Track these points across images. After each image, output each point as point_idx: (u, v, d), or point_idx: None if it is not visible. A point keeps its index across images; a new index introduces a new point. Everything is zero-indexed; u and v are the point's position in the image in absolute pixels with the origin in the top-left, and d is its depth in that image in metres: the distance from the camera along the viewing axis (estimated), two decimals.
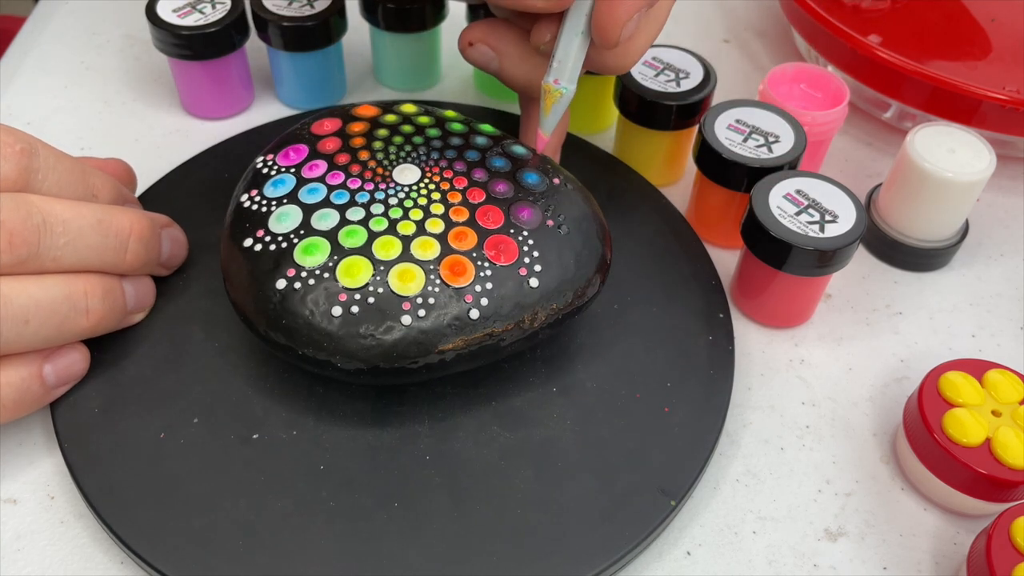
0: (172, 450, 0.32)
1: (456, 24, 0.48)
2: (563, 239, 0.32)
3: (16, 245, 0.29)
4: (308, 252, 0.31)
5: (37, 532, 0.31)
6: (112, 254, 0.32)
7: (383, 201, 0.32)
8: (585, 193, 0.34)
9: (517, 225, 0.32)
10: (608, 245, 0.34)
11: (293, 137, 0.34)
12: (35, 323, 0.30)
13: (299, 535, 0.30)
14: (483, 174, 0.33)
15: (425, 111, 0.36)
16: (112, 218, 0.32)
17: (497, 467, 0.32)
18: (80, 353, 0.33)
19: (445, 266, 0.31)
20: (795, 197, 0.36)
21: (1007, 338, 0.40)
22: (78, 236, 0.31)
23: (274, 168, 0.33)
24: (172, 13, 0.43)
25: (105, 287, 0.32)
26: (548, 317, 0.32)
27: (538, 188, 0.33)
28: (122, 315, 0.34)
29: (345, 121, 0.35)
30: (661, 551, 0.32)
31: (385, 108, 0.35)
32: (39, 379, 0.31)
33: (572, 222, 0.33)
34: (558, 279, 0.32)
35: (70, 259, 0.31)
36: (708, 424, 0.33)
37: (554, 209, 0.33)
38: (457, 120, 0.35)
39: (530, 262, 0.31)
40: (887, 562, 0.32)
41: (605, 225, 0.34)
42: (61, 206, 0.31)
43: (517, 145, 0.35)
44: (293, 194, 0.32)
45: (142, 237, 0.33)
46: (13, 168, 0.31)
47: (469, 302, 0.30)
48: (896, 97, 0.45)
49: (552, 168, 0.34)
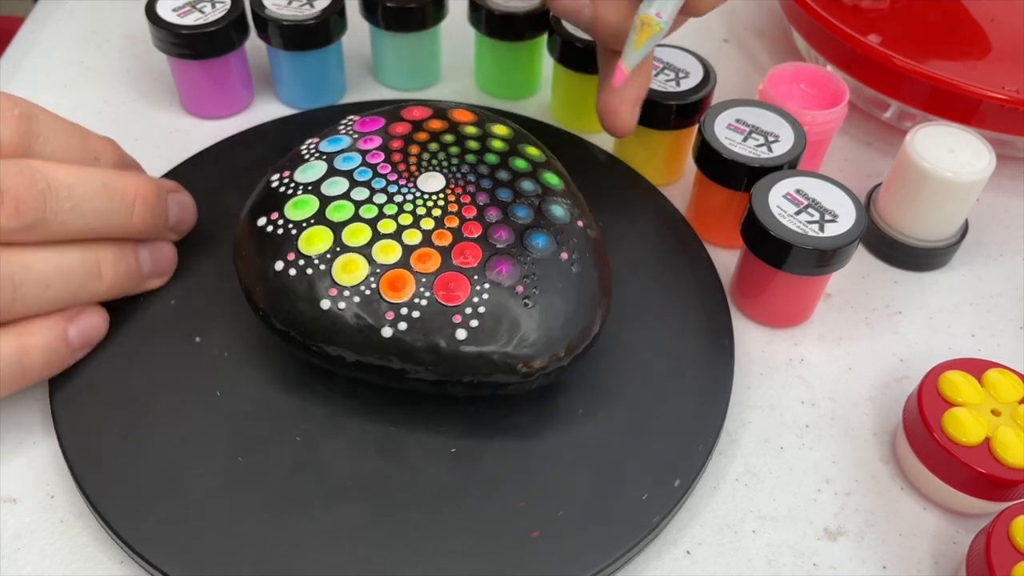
0: (172, 450, 0.32)
1: (456, 24, 0.48)
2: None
3: (23, 211, 0.30)
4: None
5: (37, 532, 0.31)
6: (118, 217, 0.32)
7: (399, 204, 0.32)
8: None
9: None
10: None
11: (388, 113, 0.36)
12: (55, 287, 0.31)
13: (299, 535, 0.30)
14: (509, 195, 0.32)
15: (478, 122, 0.35)
16: (117, 182, 0.32)
17: (496, 467, 0.32)
18: (100, 316, 0.33)
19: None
20: (795, 197, 0.36)
21: (1007, 338, 0.40)
22: (83, 200, 0.31)
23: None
24: (172, 12, 0.43)
25: (117, 253, 0.33)
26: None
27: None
28: (137, 280, 0.34)
29: (430, 116, 0.35)
30: (661, 551, 0.32)
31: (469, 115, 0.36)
32: (65, 341, 0.32)
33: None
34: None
35: (77, 223, 0.31)
36: (708, 423, 0.33)
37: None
38: (504, 138, 0.35)
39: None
40: (887, 561, 0.32)
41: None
42: (65, 171, 0.31)
43: (553, 174, 0.34)
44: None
45: (147, 201, 0.33)
46: (13, 133, 0.31)
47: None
48: (896, 97, 0.45)
49: (579, 210, 0.33)
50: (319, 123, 0.44)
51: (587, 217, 0.34)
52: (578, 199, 0.34)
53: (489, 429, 0.33)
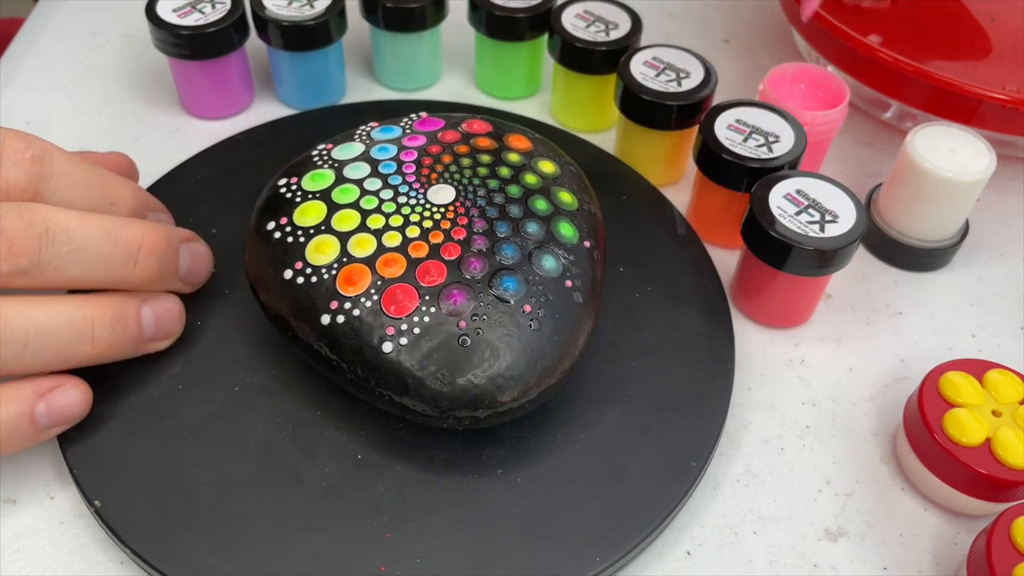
0: (172, 450, 0.32)
1: (456, 24, 0.48)
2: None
3: (16, 254, 0.28)
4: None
5: (37, 532, 0.31)
6: (120, 267, 0.31)
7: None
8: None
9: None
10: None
11: (449, 120, 0.36)
12: (34, 347, 0.29)
13: (300, 535, 0.30)
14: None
15: (528, 151, 0.35)
16: (122, 229, 0.31)
17: (497, 467, 0.32)
18: (80, 392, 0.31)
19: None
20: (795, 197, 0.36)
21: (1007, 338, 0.40)
22: (83, 246, 0.30)
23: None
24: (172, 13, 0.43)
25: (116, 313, 0.31)
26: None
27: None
28: (135, 343, 0.32)
29: (485, 133, 0.35)
30: (661, 551, 0.32)
31: (496, 129, 0.36)
32: (29, 419, 0.29)
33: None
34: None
35: (73, 271, 0.30)
36: (708, 424, 0.33)
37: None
38: (546, 177, 0.34)
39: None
40: (887, 562, 0.32)
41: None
42: (67, 215, 0.30)
43: (566, 192, 0.34)
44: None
45: (154, 251, 0.31)
46: (23, 176, 0.30)
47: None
48: (896, 97, 0.45)
49: (588, 231, 0.33)
50: (319, 123, 0.44)
51: (581, 267, 0.32)
52: (579, 249, 0.32)
53: (488, 429, 0.33)
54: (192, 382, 0.33)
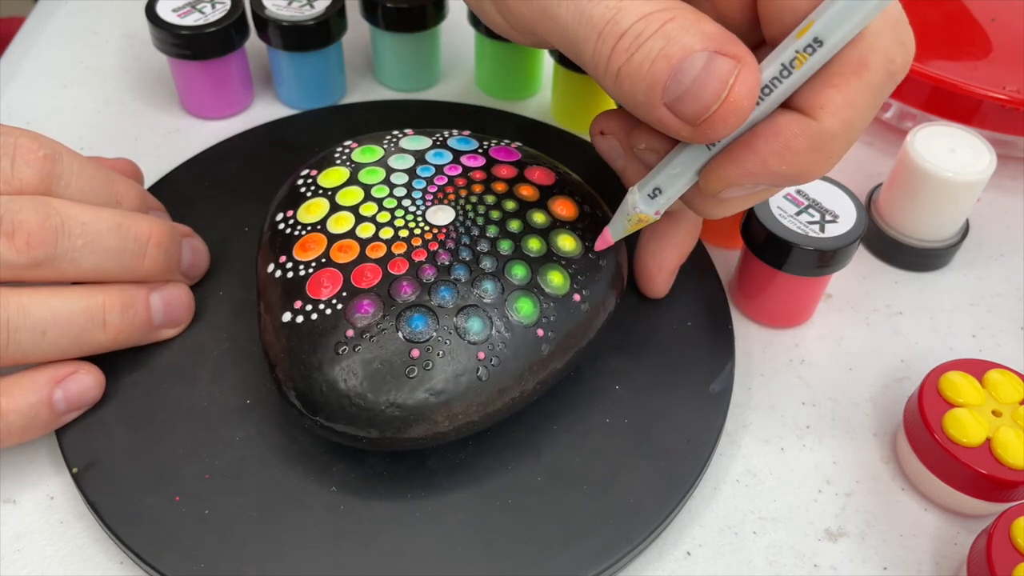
0: (172, 450, 0.32)
1: (456, 24, 0.48)
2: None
3: (34, 246, 0.29)
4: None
5: (37, 532, 0.31)
6: (131, 258, 0.32)
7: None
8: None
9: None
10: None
11: (481, 144, 0.35)
12: (52, 334, 0.30)
13: (300, 536, 0.30)
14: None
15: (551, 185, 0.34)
16: (131, 222, 0.32)
17: (497, 468, 0.32)
18: (94, 378, 0.32)
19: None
20: (795, 197, 0.36)
21: (1007, 338, 0.40)
22: (96, 238, 0.31)
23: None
24: (172, 13, 0.43)
25: (126, 300, 0.32)
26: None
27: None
28: (145, 330, 0.33)
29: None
30: (661, 551, 0.32)
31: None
32: (48, 406, 0.31)
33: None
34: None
35: (88, 262, 0.31)
36: (708, 424, 0.33)
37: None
38: (550, 214, 0.33)
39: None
40: (887, 562, 0.32)
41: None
42: (80, 209, 0.31)
43: (570, 237, 0.33)
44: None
45: (161, 243, 0.33)
46: (35, 173, 0.31)
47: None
48: (896, 97, 0.45)
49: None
50: (319, 124, 0.44)
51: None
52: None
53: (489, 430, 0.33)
54: (195, 385, 0.33)
